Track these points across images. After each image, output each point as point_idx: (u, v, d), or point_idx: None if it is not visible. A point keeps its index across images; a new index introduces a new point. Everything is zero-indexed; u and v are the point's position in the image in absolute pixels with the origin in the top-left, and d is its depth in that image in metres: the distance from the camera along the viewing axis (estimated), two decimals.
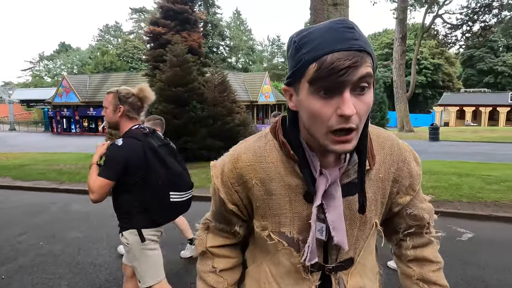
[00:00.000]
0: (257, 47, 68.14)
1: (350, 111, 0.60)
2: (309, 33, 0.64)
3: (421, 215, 0.86)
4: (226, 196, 0.82)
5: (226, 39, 54.61)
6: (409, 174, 0.83)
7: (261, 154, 0.77)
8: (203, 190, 6.41)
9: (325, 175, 0.73)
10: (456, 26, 20.67)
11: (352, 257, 0.82)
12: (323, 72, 0.59)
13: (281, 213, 0.78)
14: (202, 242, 0.93)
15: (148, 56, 14.56)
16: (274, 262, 0.84)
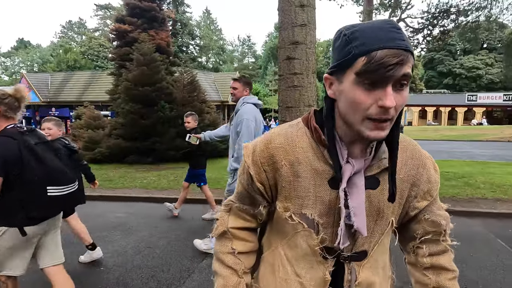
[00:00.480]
0: (228, 47, 67.83)
1: (390, 103, 0.67)
2: (360, 29, 0.70)
3: (438, 221, 0.87)
4: (255, 174, 0.85)
5: (196, 39, 53.93)
6: (428, 180, 0.86)
7: (293, 138, 0.83)
8: (172, 192, 6.29)
9: (351, 163, 0.77)
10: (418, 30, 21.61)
11: (366, 250, 0.85)
12: (372, 65, 0.66)
13: (305, 195, 0.82)
14: (223, 222, 0.95)
15: (114, 55, 14.07)
16: (291, 245, 0.87)
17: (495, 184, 6.28)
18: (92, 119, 11.97)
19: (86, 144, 10.36)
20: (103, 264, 3.39)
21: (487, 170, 7.67)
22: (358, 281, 0.84)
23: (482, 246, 3.74)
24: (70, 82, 27.68)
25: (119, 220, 4.82)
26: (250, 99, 3.47)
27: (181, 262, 3.41)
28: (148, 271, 3.24)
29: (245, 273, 0.93)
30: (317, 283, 0.85)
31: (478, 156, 10.54)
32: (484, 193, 5.68)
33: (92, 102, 15.17)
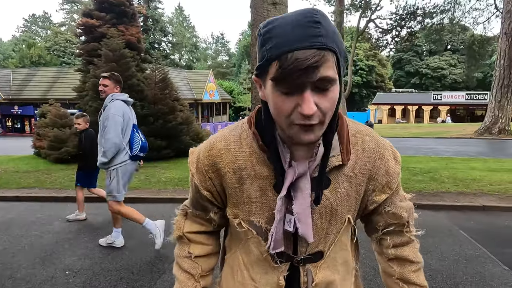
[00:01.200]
0: (201, 44, 67.13)
1: (308, 111, 0.61)
2: (273, 27, 0.62)
3: (399, 214, 0.85)
4: (200, 183, 0.83)
5: (169, 35, 52.91)
6: (386, 172, 0.82)
7: (235, 143, 0.79)
8: (143, 192, 6.13)
9: (293, 167, 0.73)
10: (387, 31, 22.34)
11: (322, 251, 0.82)
12: (283, 72, 0.60)
13: (251, 202, 0.79)
14: (179, 227, 0.94)
15: (81, 50, 13.50)
16: (246, 250, 0.86)
17: (458, 178, 6.59)
18: (58, 117, 11.42)
19: (51, 144, 9.89)
20: (69, 268, 3.25)
21: (451, 165, 8.04)
22: (315, 282, 0.82)
23: (446, 237, 3.90)
24: (34, 78, 26.37)
25: (85, 222, 4.64)
26: (119, 96, 3.50)
27: (152, 263, 3.33)
28: (117, 273, 3.13)
29: (202, 277, 0.92)
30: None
31: (443, 152, 11.03)
32: (448, 187, 5.94)
33: (58, 100, 14.50)
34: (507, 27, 15.39)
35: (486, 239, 3.87)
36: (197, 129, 11.68)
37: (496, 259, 3.35)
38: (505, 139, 14.93)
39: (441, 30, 22.64)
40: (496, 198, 5.34)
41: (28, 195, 5.95)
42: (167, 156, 10.01)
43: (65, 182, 6.92)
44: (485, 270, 3.13)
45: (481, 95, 32.63)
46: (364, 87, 45.61)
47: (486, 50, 24.98)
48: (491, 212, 4.90)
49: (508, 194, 5.53)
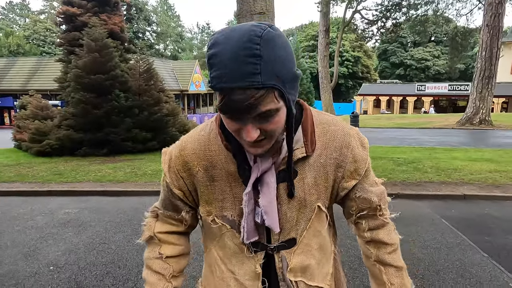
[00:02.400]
0: (187, 34, 66.07)
1: (250, 139, 0.66)
2: (215, 54, 0.62)
3: (369, 198, 0.87)
4: (172, 182, 0.85)
5: (153, 25, 51.83)
6: (354, 159, 0.84)
7: (205, 142, 0.82)
8: (129, 185, 6.05)
9: (258, 164, 0.76)
10: (372, 22, 22.46)
11: (295, 238, 0.85)
12: (224, 107, 0.63)
13: (223, 198, 0.83)
14: (150, 228, 0.94)
15: (62, 40, 13.07)
16: (221, 245, 0.88)
17: (441, 168, 6.75)
18: (39, 109, 11.12)
19: (32, 136, 9.63)
20: (53, 263, 3.20)
21: (434, 156, 8.22)
22: (290, 267, 0.86)
23: (428, 226, 4.01)
24: (13, 69, 25.48)
25: (70, 216, 4.56)
26: None
27: (139, 257, 3.31)
28: (103, 268, 3.10)
29: (173, 277, 0.92)
30: (251, 277, 0.86)
31: (426, 142, 11.26)
32: (431, 177, 6.09)
33: (39, 91, 14.07)
34: (488, 19, 15.67)
35: (467, 227, 4.00)
36: (183, 121, 11.57)
37: (476, 246, 3.47)
38: (486, 129, 15.34)
39: (425, 22, 22.91)
40: (476, 187, 5.51)
41: (9, 190, 5.80)
42: (153, 148, 9.89)
43: (47, 175, 6.77)
44: (465, 257, 3.23)
45: (463, 86, 33.29)
46: (350, 78, 45.93)
47: (468, 41, 25.45)
48: (471, 200, 5.05)
49: (487, 183, 5.71)
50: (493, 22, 15.59)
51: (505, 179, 5.90)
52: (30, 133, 9.71)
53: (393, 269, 0.90)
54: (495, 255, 3.25)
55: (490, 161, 7.37)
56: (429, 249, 3.42)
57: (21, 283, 2.86)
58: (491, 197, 5.09)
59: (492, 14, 15.56)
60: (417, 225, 4.02)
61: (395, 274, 0.90)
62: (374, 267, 0.93)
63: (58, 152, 9.27)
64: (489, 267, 3.03)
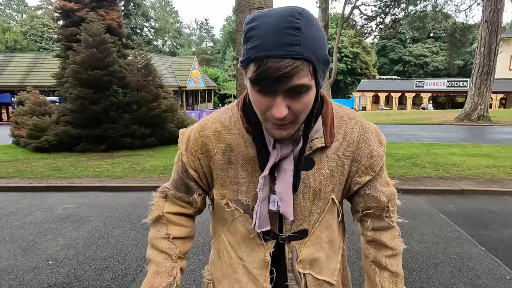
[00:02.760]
0: (185, 30, 65.77)
1: (279, 115, 0.64)
2: (255, 26, 0.63)
3: (378, 197, 0.86)
4: (189, 162, 0.85)
5: (151, 20, 51.59)
6: (370, 155, 0.83)
7: (225, 125, 0.82)
8: (128, 180, 6.05)
9: (277, 149, 0.76)
10: (371, 18, 22.38)
11: (306, 229, 0.85)
12: (259, 76, 0.62)
13: (238, 182, 0.82)
14: (159, 207, 0.92)
15: (59, 35, 12.99)
16: (231, 231, 0.88)
17: (439, 163, 6.77)
18: (37, 105, 11.08)
19: (31, 132, 9.61)
20: (52, 258, 3.20)
21: (432, 151, 8.24)
22: (300, 258, 0.85)
23: (426, 221, 4.03)
24: (10, 65, 25.35)
25: (69, 211, 4.56)
26: None
27: (138, 251, 3.31)
28: (102, 262, 3.11)
29: (179, 258, 0.91)
30: (259, 265, 0.86)
31: (425, 138, 11.28)
32: (429, 172, 6.11)
33: (37, 87, 14.03)
34: (487, 15, 15.65)
35: (464, 221, 4.02)
36: (182, 117, 11.55)
37: (474, 240, 3.49)
38: (484, 125, 15.37)
39: (424, 18, 22.83)
40: (474, 182, 5.53)
41: (7, 185, 5.79)
42: (152, 144, 9.89)
43: (46, 171, 6.76)
44: (463, 251, 3.25)
45: (461, 82, 33.30)
46: (348, 74, 45.86)
47: (467, 37, 25.39)
48: (469, 195, 5.07)
49: (485, 178, 5.73)
50: (492, 18, 15.57)
51: (503, 174, 5.93)
52: (28, 129, 9.68)
53: (388, 273, 0.89)
54: (493, 249, 3.27)
55: (488, 157, 7.40)
56: (427, 243, 3.44)
57: (20, 277, 2.87)
58: (488, 192, 5.11)
59: (491, 9, 15.54)
60: (415, 219, 4.04)
61: (388, 279, 0.88)
62: (369, 268, 0.92)
63: (56, 148, 9.25)
64: (487, 261, 3.05)
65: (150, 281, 0.87)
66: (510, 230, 3.73)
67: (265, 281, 0.86)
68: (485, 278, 2.76)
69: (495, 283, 2.69)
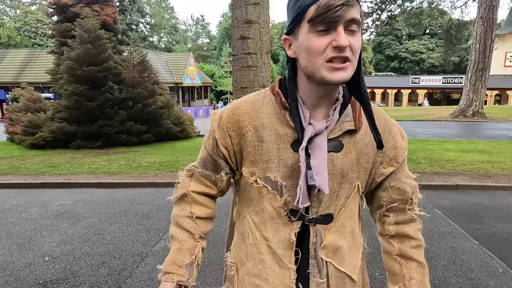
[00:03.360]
0: (181, 26, 65.41)
1: (344, 42, 0.70)
2: None
3: (403, 189, 0.88)
4: (220, 139, 0.87)
5: (146, 16, 51.22)
6: (394, 146, 0.87)
7: (259, 105, 0.86)
8: (124, 176, 6.04)
9: (312, 124, 0.79)
10: (367, 14, 22.35)
11: (332, 214, 0.85)
12: (321, 9, 0.69)
13: (268, 159, 0.84)
14: (185, 185, 0.95)
15: (53, 31, 12.88)
16: (257, 210, 0.88)
17: (434, 159, 6.82)
18: (32, 101, 11.00)
19: (25, 129, 9.54)
20: (48, 254, 3.19)
21: (427, 147, 8.30)
22: (324, 243, 0.85)
23: (421, 215, 4.06)
24: (4, 61, 25.10)
25: (64, 208, 4.54)
26: None
27: (134, 247, 3.32)
28: (98, 258, 3.11)
29: (201, 238, 0.93)
30: (284, 245, 0.86)
31: (420, 134, 11.34)
32: (424, 168, 6.15)
33: (31, 83, 13.90)
34: (483, 12, 15.70)
35: (459, 216, 4.06)
36: (178, 113, 11.51)
37: (467, 234, 3.53)
38: (479, 121, 15.48)
39: (420, 14, 22.86)
40: (468, 178, 5.58)
41: (2, 182, 5.76)
42: (148, 141, 9.86)
43: (41, 168, 6.73)
44: (457, 245, 3.29)
45: (457, 79, 33.44)
46: None
47: (462, 34, 25.45)
48: (463, 190, 5.12)
49: (479, 173, 5.78)
50: (487, 15, 15.63)
51: (497, 169, 5.98)
52: (23, 126, 9.62)
53: (415, 263, 0.89)
54: (486, 243, 3.31)
55: (483, 152, 7.46)
56: (423, 237, 3.46)
57: (16, 273, 2.86)
58: (483, 187, 5.17)
59: (487, 6, 15.59)
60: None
61: (416, 269, 0.88)
62: (394, 263, 0.91)
63: (52, 144, 9.20)
64: (480, 254, 3.09)
65: (174, 258, 0.88)
66: (503, 224, 3.78)
67: (290, 262, 0.86)
68: (478, 271, 2.80)
69: (488, 276, 2.73)
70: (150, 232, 3.67)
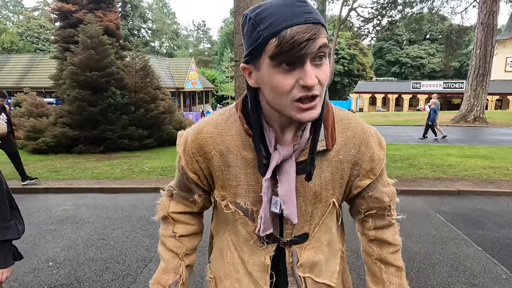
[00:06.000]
0: (182, 31, 65.77)
1: (312, 82, 0.64)
2: (264, 9, 0.65)
3: (381, 198, 0.88)
4: (187, 165, 0.85)
5: (148, 22, 51.56)
6: (371, 158, 0.83)
7: (223, 127, 0.81)
8: (126, 182, 6.05)
9: (278, 151, 0.75)
10: (368, 20, 22.50)
11: (307, 233, 0.85)
12: (284, 46, 0.61)
13: (237, 184, 0.82)
14: (164, 207, 0.95)
15: (56, 37, 12.99)
16: (234, 231, 0.89)
17: (435, 164, 6.82)
18: (34, 106, 11.07)
19: (28, 134, 9.57)
20: (52, 259, 3.20)
21: (429, 152, 8.30)
22: (300, 262, 0.86)
23: (423, 221, 4.06)
24: (6, 66, 25.25)
25: (68, 213, 4.56)
26: None
27: (137, 252, 3.33)
28: (102, 263, 3.12)
29: (186, 255, 0.94)
30: (259, 268, 0.87)
31: (422, 139, 11.34)
32: (426, 173, 6.15)
33: (34, 88, 14.02)
34: (483, 17, 15.78)
35: (461, 221, 4.06)
36: (179, 118, 11.58)
37: (470, 240, 3.53)
38: (480, 127, 15.48)
39: (420, 20, 22.99)
40: (470, 183, 5.58)
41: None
42: (150, 146, 9.89)
43: (44, 173, 6.75)
44: (460, 251, 3.29)
45: (457, 84, 33.49)
46: (346, 76, 46.01)
47: (463, 39, 25.59)
48: (465, 196, 5.12)
49: (481, 179, 5.78)
50: (487, 20, 15.70)
51: (499, 175, 5.99)
52: (26, 131, 9.65)
53: (394, 268, 0.91)
54: (489, 249, 3.31)
55: (484, 158, 7.46)
56: (425, 243, 3.47)
57: (20, 279, 2.87)
58: (485, 193, 5.16)
59: (487, 12, 15.67)
60: (413, 220, 4.08)
61: (395, 274, 0.91)
62: (374, 265, 0.94)
63: (54, 149, 9.23)
64: (483, 260, 3.09)
65: (158, 278, 0.91)
66: (505, 230, 3.78)
67: (265, 284, 0.87)
68: (481, 277, 2.80)
69: (491, 282, 2.73)
70: (153, 237, 3.68)
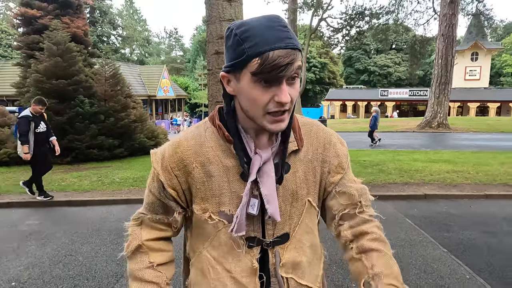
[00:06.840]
0: (154, 38, 64.86)
1: (286, 99, 0.73)
2: (250, 28, 0.72)
3: (350, 192, 0.90)
4: (166, 181, 0.85)
5: (118, 28, 50.46)
6: (336, 154, 0.91)
7: (201, 139, 0.85)
8: (96, 193, 5.85)
9: (259, 154, 0.81)
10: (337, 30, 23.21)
11: (288, 233, 0.88)
12: (266, 67, 0.70)
13: (220, 193, 0.83)
14: (136, 236, 0.89)
15: (20, 43, 12.43)
16: (214, 245, 0.87)
17: (403, 169, 7.10)
18: None
19: None
20: (15, 279, 3.03)
21: (397, 158, 8.63)
22: (282, 262, 0.87)
23: (393, 225, 4.21)
24: None
25: (32, 228, 4.33)
26: None
27: (108, 267, 3.21)
28: (70, 281, 2.98)
29: (167, 285, 0.90)
30: (248, 273, 0.86)
31: (390, 145, 11.77)
32: (394, 178, 6.38)
33: None
34: (443, 29, 16.73)
35: (428, 225, 4.24)
36: (151, 127, 11.34)
37: (436, 242, 3.69)
38: (444, 132, 16.29)
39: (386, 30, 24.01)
40: (436, 187, 5.85)
41: None
42: (121, 155, 9.62)
43: (6, 186, 6.39)
44: (427, 253, 3.43)
45: (422, 92, 35.15)
46: (317, 84, 47.04)
47: (426, 49, 26.92)
48: (431, 200, 5.36)
49: (445, 183, 6.08)
50: (447, 32, 16.66)
51: (461, 178, 6.31)
52: None
53: (376, 252, 0.86)
54: (454, 250, 3.48)
55: (448, 162, 7.85)
56: (395, 247, 3.58)
57: None
58: (449, 196, 5.43)
59: (447, 24, 16.63)
60: (383, 225, 4.20)
61: (377, 257, 0.85)
62: (357, 263, 0.87)
63: (17, 161, 8.74)
64: (449, 262, 3.24)
65: None
66: (468, 232, 3.98)
67: (255, 287, 0.87)
68: (447, 278, 2.93)
69: (457, 283, 2.86)
70: None
